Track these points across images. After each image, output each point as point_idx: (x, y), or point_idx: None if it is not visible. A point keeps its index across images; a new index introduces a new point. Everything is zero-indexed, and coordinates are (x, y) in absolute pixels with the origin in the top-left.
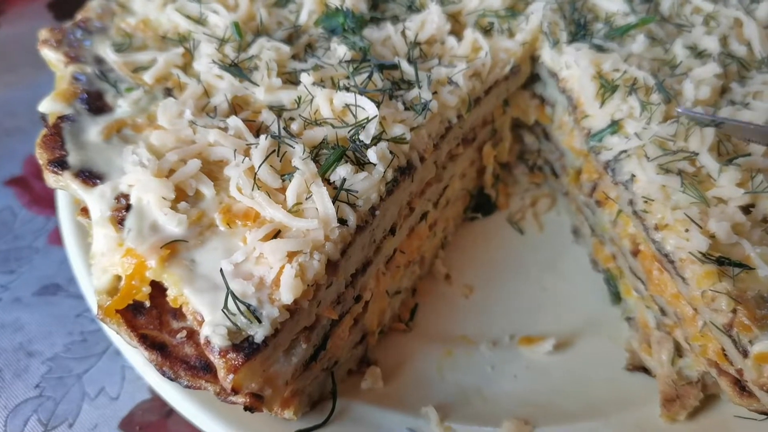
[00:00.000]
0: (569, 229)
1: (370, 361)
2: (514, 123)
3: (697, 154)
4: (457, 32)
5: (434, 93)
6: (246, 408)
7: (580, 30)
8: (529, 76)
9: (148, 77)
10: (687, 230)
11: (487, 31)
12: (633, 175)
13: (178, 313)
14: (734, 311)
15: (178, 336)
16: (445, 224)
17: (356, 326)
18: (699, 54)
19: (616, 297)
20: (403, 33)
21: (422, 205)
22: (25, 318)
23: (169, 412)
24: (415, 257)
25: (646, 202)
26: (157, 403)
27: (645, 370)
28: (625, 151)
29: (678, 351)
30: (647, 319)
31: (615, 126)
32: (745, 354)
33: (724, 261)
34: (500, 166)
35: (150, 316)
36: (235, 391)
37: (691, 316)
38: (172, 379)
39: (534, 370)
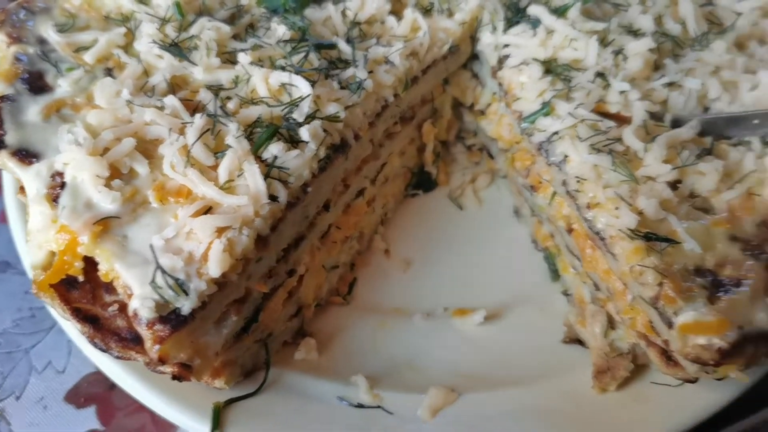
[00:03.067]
0: (508, 204)
1: (306, 333)
2: (455, 102)
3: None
4: (397, 12)
5: (370, 72)
6: (174, 377)
7: (518, 11)
8: (469, 56)
9: (89, 57)
10: (617, 208)
11: (427, 11)
12: (566, 156)
13: (110, 288)
14: (660, 284)
15: (110, 309)
16: (384, 201)
17: (291, 299)
18: (635, 33)
19: (555, 274)
20: (343, 13)
21: (359, 182)
22: None
23: (112, 385)
24: (352, 233)
25: (578, 181)
26: (101, 376)
27: (580, 342)
28: (557, 133)
29: (611, 324)
30: (583, 294)
31: (547, 107)
32: (670, 325)
33: (651, 236)
34: (441, 144)
35: (83, 290)
36: (162, 361)
37: (622, 290)
38: (103, 351)
39: (465, 341)
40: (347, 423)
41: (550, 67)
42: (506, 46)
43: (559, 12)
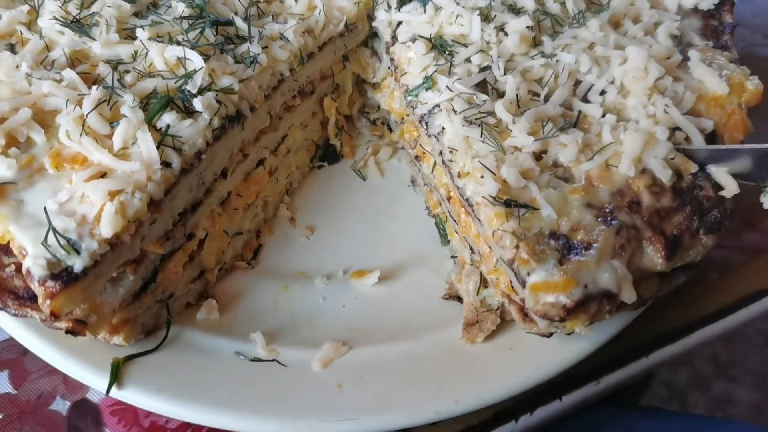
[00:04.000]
0: (408, 175)
1: (210, 295)
2: (357, 78)
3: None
4: None
5: (265, 47)
6: (68, 332)
7: None
8: (368, 34)
9: None
10: (482, 177)
11: None
12: (443, 128)
13: (8, 250)
14: (517, 247)
15: (8, 270)
16: (288, 171)
17: (192, 263)
18: (517, 11)
19: (445, 239)
20: None
21: (258, 152)
22: None
23: (25, 351)
24: (254, 201)
25: (451, 152)
26: (13, 342)
27: (459, 299)
28: (438, 105)
29: (484, 283)
30: (465, 256)
31: (429, 82)
32: (524, 284)
33: (511, 203)
34: (345, 119)
35: None
36: (54, 315)
37: (488, 253)
38: (0, 309)
39: (361, 300)
40: (243, 375)
41: (435, 44)
42: (400, 23)
43: None
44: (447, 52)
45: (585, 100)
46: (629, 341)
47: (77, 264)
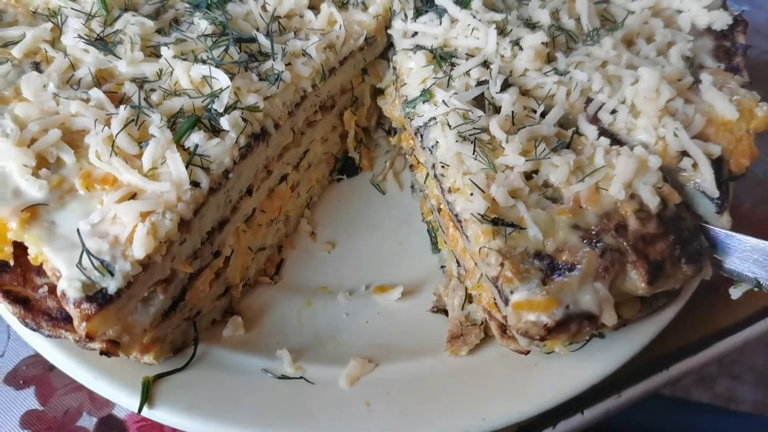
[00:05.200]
0: None
1: (235, 311)
2: (374, 90)
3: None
4: (315, 6)
5: (288, 64)
6: (102, 353)
7: (428, 1)
8: (386, 46)
9: (16, 52)
10: (471, 194)
11: (343, 5)
12: (437, 142)
13: (41, 271)
14: (502, 265)
15: (41, 291)
16: (309, 186)
17: (218, 280)
18: (533, 26)
19: (436, 247)
20: (263, 7)
21: (281, 168)
22: None
23: (51, 367)
24: (277, 216)
25: (443, 166)
26: (40, 358)
27: (446, 312)
28: (434, 118)
29: (469, 298)
30: (453, 268)
31: (426, 94)
32: (506, 302)
33: (498, 221)
34: (363, 131)
35: (15, 273)
36: (89, 337)
37: (473, 268)
38: (34, 330)
39: (384, 316)
40: (271, 393)
41: (436, 55)
42: (415, 34)
43: (464, 3)
44: (447, 64)
45: (596, 118)
46: (650, 354)
47: (111, 285)
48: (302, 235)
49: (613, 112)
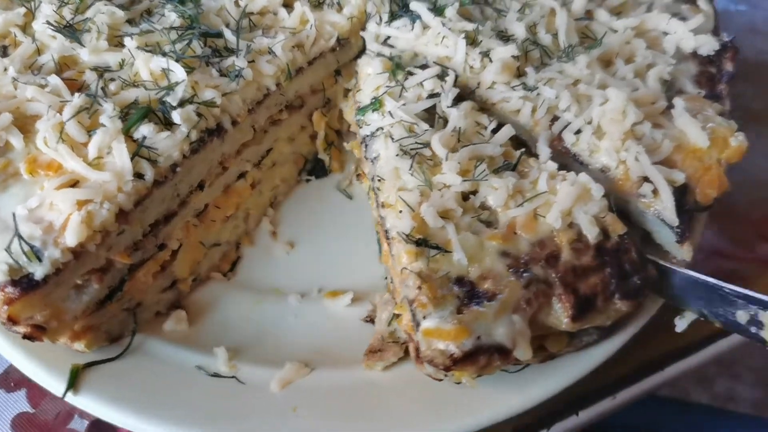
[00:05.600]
0: None
1: (181, 305)
2: (348, 92)
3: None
4: (290, 4)
5: (251, 62)
6: (25, 336)
7: (404, 5)
8: (362, 49)
9: None
10: (401, 211)
11: (318, 5)
12: (379, 153)
13: None
14: (419, 288)
15: None
16: (273, 184)
17: (164, 273)
18: (507, 38)
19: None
20: (236, 3)
21: (239, 165)
22: None
23: None
24: (234, 213)
25: (379, 180)
26: None
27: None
28: (381, 129)
29: (397, 316)
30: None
31: (377, 103)
32: (417, 327)
33: (422, 243)
34: (336, 133)
35: None
36: (12, 321)
37: (398, 288)
38: None
39: (332, 321)
40: (200, 390)
41: (394, 62)
42: (388, 38)
43: (438, 10)
44: (404, 73)
45: (560, 137)
46: (645, 355)
47: (38, 271)
48: (263, 233)
49: (579, 132)
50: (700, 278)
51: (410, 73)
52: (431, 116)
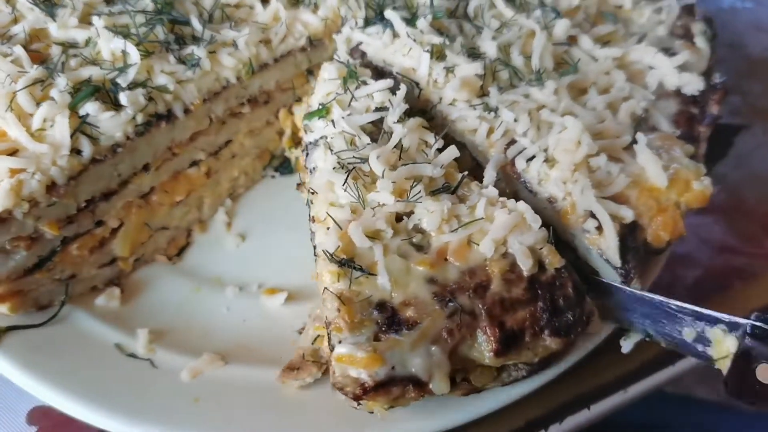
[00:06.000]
0: None
1: (119, 284)
2: None
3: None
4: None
5: (212, 53)
6: None
7: (379, 12)
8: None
9: None
10: (329, 228)
11: (296, 3)
12: (317, 165)
13: None
14: (338, 311)
15: None
16: (232, 176)
17: (102, 249)
18: (478, 55)
19: None
20: None
21: (191, 153)
22: None
23: None
24: (185, 199)
25: (313, 193)
26: None
27: None
28: (324, 137)
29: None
30: None
31: (323, 110)
32: (332, 351)
33: (345, 263)
34: None
35: None
36: None
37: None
38: None
39: (263, 318)
40: (112, 368)
41: (349, 69)
42: (360, 43)
43: (410, 21)
44: (357, 82)
45: (512, 162)
46: (657, 350)
47: None
48: (217, 223)
49: (531, 158)
50: (645, 295)
51: (363, 83)
52: (378, 131)
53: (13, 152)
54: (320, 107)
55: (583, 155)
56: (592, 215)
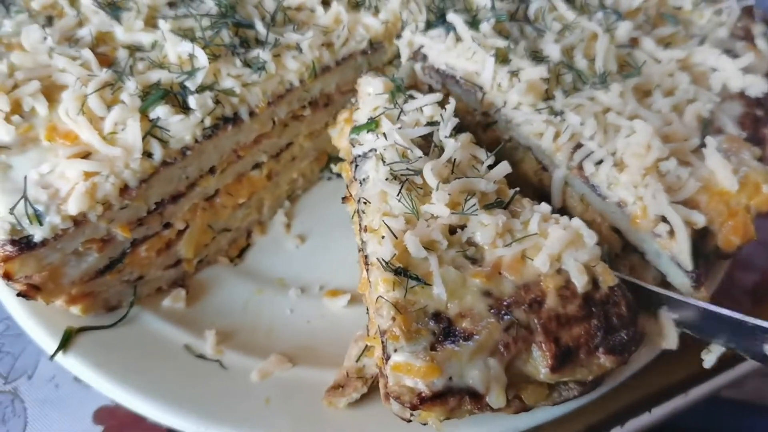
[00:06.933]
0: None
1: (183, 284)
2: None
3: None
4: (329, 2)
5: (276, 56)
6: (20, 294)
7: (441, 16)
8: (397, 54)
9: (35, 4)
10: (383, 237)
11: (356, 6)
12: (369, 176)
13: None
14: (393, 319)
15: None
16: (291, 178)
17: (169, 251)
18: (541, 59)
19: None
20: None
21: (255, 155)
22: None
23: None
24: (247, 201)
25: (365, 203)
26: None
27: None
28: (374, 150)
29: (368, 349)
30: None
31: (373, 123)
32: (387, 360)
33: (401, 272)
34: None
35: None
36: (7, 277)
37: (372, 317)
38: None
39: (326, 319)
40: (183, 369)
41: (395, 84)
42: (422, 46)
43: (474, 24)
44: (405, 96)
45: (580, 166)
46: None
47: (37, 234)
48: (276, 224)
49: (600, 162)
50: (723, 314)
51: (411, 97)
52: (427, 144)
53: (85, 155)
54: (369, 121)
55: (654, 159)
56: (663, 219)
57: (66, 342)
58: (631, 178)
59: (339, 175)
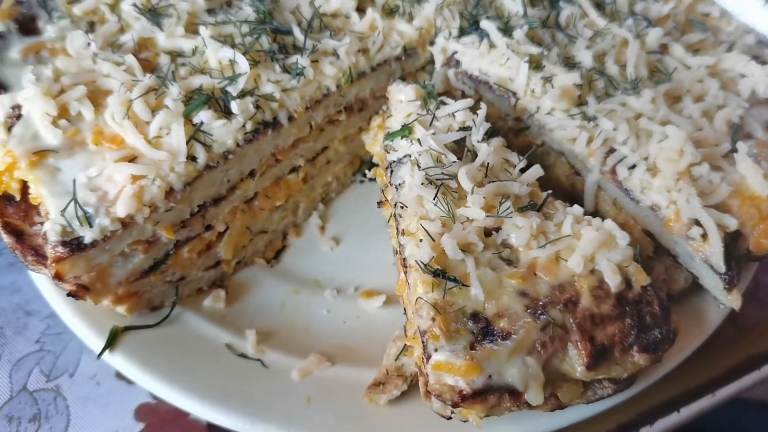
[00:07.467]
0: None
1: (222, 285)
2: None
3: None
4: (365, 9)
5: (314, 62)
6: (70, 294)
7: (474, 22)
8: (430, 60)
9: (77, 9)
10: (421, 240)
11: (391, 12)
12: (404, 180)
13: (40, 210)
14: (433, 320)
15: (35, 228)
16: (326, 181)
17: (209, 252)
18: (573, 65)
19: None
20: (311, 3)
21: (292, 159)
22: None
23: None
24: (283, 204)
25: (402, 207)
26: None
27: None
28: (408, 156)
29: (406, 348)
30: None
31: (406, 130)
32: (428, 360)
33: (440, 273)
34: None
35: (18, 208)
36: (58, 277)
37: (412, 318)
38: (22, 262)
39: (362, 320)
40: (225, 368)
41: (426, 91)
42: (455, 52)
43: (507, 31)
44: (436, 102)
45: (613, 171)
46: (742, 355)
47: (87, 236)
48: (311, 227)
49: (633, 167)
50: None
51: (443, 103)
52: (460, 149)
53: (131, 159)
54: (403, 127)
55: (687, 164)
56: (696, 223)
57: (112, 341)
58: (664, 183)
59: (371, 179)
